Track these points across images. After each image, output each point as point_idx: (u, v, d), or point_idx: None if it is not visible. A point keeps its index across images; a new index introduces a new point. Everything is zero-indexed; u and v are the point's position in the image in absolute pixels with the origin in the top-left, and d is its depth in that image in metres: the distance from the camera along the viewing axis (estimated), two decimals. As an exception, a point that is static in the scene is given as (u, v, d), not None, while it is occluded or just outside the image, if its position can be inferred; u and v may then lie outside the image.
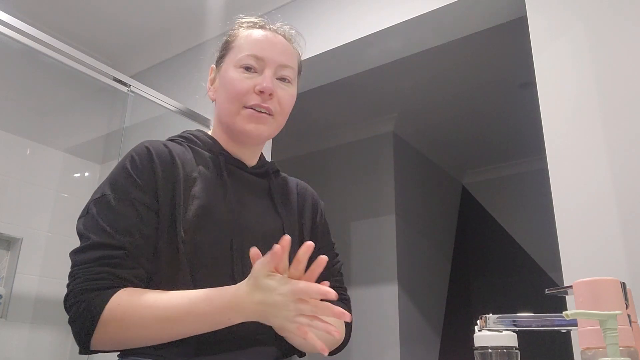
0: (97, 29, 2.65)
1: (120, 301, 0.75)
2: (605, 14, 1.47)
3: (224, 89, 0.94)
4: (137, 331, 0.76)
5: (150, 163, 0.86)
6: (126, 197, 0.82)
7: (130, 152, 0.88)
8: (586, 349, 0.60)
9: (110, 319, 0.75)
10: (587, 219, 1.35)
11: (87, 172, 2.72)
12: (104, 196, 0.83)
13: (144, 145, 0.89)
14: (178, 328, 0.76)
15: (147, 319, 0.75)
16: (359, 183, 3.39)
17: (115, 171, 0.87)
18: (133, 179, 0.84)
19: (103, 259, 0.78)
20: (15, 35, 1.68)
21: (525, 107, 3.01)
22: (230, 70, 0.94)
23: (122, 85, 2.07)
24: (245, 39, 0.96)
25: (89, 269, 0.77)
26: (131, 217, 0.81)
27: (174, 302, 0.76)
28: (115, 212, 0.81)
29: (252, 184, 0.97)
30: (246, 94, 0.92)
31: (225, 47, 0.99)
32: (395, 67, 2.40)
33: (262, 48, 0.94)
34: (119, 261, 0.78)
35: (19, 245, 2.33)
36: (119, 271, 0.78)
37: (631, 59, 1.39)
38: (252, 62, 0.93)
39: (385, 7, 1.98)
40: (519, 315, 0.76)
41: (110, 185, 0.84)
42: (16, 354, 2.27)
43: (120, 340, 0.77)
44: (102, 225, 0.80)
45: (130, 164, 0.85)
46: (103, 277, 0.77)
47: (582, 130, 1.42)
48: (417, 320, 3.20)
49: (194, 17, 2.55)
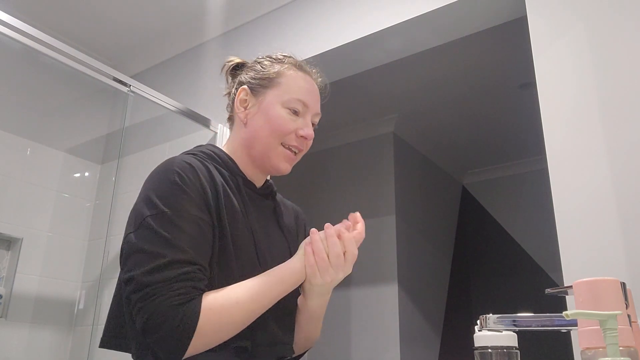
0: (97, 29, 2.65)
1: (211, 305, 0.82)
2: (605, 15, 1.47)
3: (268, 123, 1.01)
4: (229, 328, 0.83)
5: (198, 179, 0.90)
6: (186, 213, 0.85)
7: (172, 168, 0.90)
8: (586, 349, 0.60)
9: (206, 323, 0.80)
10: (587, 219, 1.35)
11: (87, 172, 2.72)
12: (163, 213, 0.84)
13: (184, 161, 0.92)
14: (263, 308, 0.87)
15: (236, 315, 0.83)
16: (359, 183, 3.39)
17: (162, 187, 0.88)
18: (187, 194, 0.87)
19: (184, 275, 0.81)
20: (15, 35, 1.68)
21: (525, 108, 3.01)
22: (278, 107, 1.01)
23: (122, 85, 2.07)
24: (294, 82, 1.04)
25: (171, 286, 0.80)
26: (195, 233, 0.85)
27: (254, 290, 0.86)
28: (180, 229, 0.84)
29: (261, 205, 1.05)
30: (289, 134, 1.01)
31: (268, 79, 1.04)
32: (395, 67, 2.40)
33: (309, 96, 1.04)
34: (196, 275, 0.83)
35: (19, 245, 2.33)
36: (198, 284, 0.83)
37: (631, 60, 1.39)
38: (299, 106, 1.02)
39: (385, 7, 1.98)
40: (519, 315, 0.76)
41: (163, 202, 0.86)
42: (16, 354, 2.27)
43: (211, 342, 0.83)
44: (171, 242, 0.82)
45: (179, 179, 0.88)
46: (187, 292, 0.81)
47: (582, 130, 1.42)
48: (417, 320, 3.20)
49: (194, 17, 2.55)
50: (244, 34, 2.46)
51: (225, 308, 0.83)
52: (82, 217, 2.61)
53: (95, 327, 2.22)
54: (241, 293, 0.85)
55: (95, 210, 2.63)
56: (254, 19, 2.44)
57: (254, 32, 2.42)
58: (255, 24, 2.43)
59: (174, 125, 2.44)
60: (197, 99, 2.46)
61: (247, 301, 0.84)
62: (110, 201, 2.39)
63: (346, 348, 3.10)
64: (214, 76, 2.45)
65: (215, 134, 2.27)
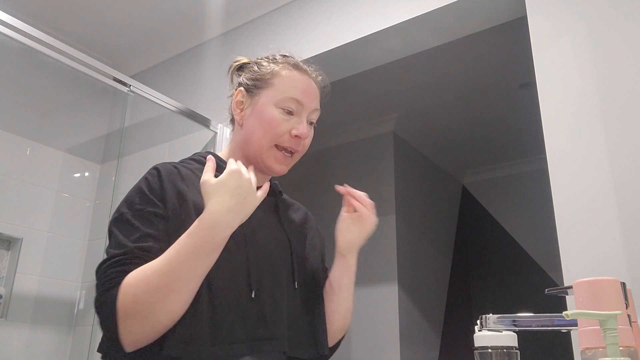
0: (97, 29, 2.65)
1: (128, 279, 0.80)
2: (605, 14, 1.47)
3: (260, 124, 1.00)
4: (149, 296, 0.79)
5: (160, 181, 0.93)
6: (141, 211, 0.89)
7: (144, 175, 0.96)
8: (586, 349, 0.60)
9: (124, 299, 0.79)
10: (587, 218, 1.35)
11: (87, 172, 2.72)
12: (121, 215, 0.90)
13: (154, 167, 0.96)
14: (180, 272, 0.80)
15: (150, 279, 0.80)
16: (359, 183, 3.36)
17: (130, 192, 0.94)
18: (146, 196, 0.91)
19: (114, 263, 0.83)
20: (15, 35, 1.68)
21: (525, 107, 3.01)
22: (271, 107, 1.00)
23: (122, 85, 2.07)
24: (288, 81, 1.02)
25: (103, 275, 0.83)
26: (142, 226, 0.87)
27: (167, 254, 0.82)
28: (128, 225, 0.88)
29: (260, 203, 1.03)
30: (282, 135, 0.99)
31: (262, 79, 1.03)
32: (395, 67, 2.40)
33: (303, 94, 1.02)
34: (125, 260, 0.83)
35: (19, 245, 2.33)
36: (127, 267, 0.82)
37: (632, 59, 1.39)
38: (293, 105, 1.00)
39: (385, 7, 1.98)
40: (519, 315, 0.76)
41: (126, 205, 0.91)
42: (16, 354, 2.27)
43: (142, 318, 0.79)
44: (118, 240, 0.87)
45: (144, 184, 0.93)
46: (115, 276, 0.82)
47: (582, 130, 1.42)
48: (417, 320, 3.20)
49: (194, 17, 2.55)
50: (243, 34, 2.46)
51: (140, 276, 0.80)
52: (82, 217, 2.61)
53: (95, 327, 2.22)
54: (160, 258, 0.82)
55: (95, 210, 2.63)
56: (253, 19, 2.44)
57: (253, 32, 2.42)
58: (255, 24, 2.43)
59: (173, 125, 2.44)
60: (197, 99, 2.46)
61: (165, 263, 0.81)
62: (110, 201, 2.39)
63: (346, 348, 3.10)
64: (214, 76, 2.45)
65: (215, 134, 2.26)
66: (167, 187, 0.92)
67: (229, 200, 0.83)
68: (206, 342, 0.82)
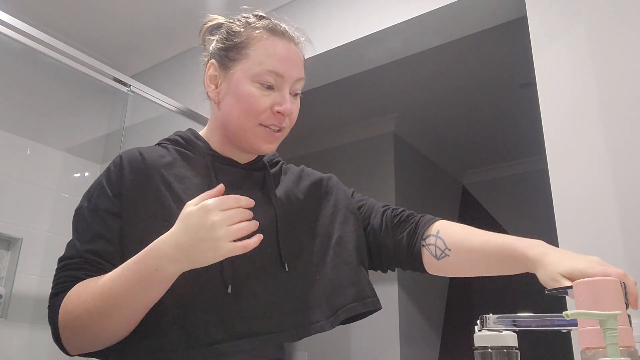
0: (97, 29, 2.65)
1: (71, 292, 0.78)
2: (605, 15, 1.47)
3: (238, 103, 0.88)
4: (86, 318, 0.75)
5: (121, 172, 0.87)
6: (96, 208, 0.84)
7: (109, 164, 0.91)
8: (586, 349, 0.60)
9: (64, 313, 0.77)
10: (587, 218, 1.35)
11: (87, 172, 2.72)
12: (80, 208, 0.87)
13: (119, 155, 0.90)
14: (117, 298, 0.73)
15: (88, 300, 0.75)
16: (359, 183, 3.39)
17: (93, 183, 0.89)
18: (104, 190, 0.86)
19: (65, 266, 0.81)
20: (15, 35, 1.68)
21: (525, 107, 3.01)
22: (247, 83, 0.88)
23: (122, 85, 2.07)
24: (264, 50, 0.89)
25: (55, 280, 0.82)
26: (96, 226, 0.83)
27: (109, 275, 0.76)
28: (83, 223, 0.84)
29: (243, 179, 0.94)
30: (264, 112, 0.88)
31: (235, 49, 0.91)
32: (395, 67, 2.40)
33: (283, 63, 0.88)
34: (75, 266, 0.81)
35: (19, 245, 2.33)
36: (77, 273, 0.80)
37: (631, 59, 1.39)
38: (271, 79, 0.88)
39: (386, 7, 1.98)
40: (519, 315, 0.76)
41: (87, 197, 0.87)
42: (16, 354, 2.27)
43: (79, 333, 0.77)
44: (73, 239, 0.84)
45: (105, 176, 0.88)
46: (63, 281, 0.80)
47: (582, 130, 1.42)
48: (417, 320, 3.20)
49: (194, 17, 2.54)
50: (244, 34, 2.46)
51: (82, 294, 0.75)
52: (82, 217, 2.60)
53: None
54: (104, 278, 0.75)
55: (95, 210, 2.63)
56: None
57: (254, 32, 2.42)
58: (255, 24, 2.43)
59: (173, 125, 2.43)
60: (197, 99, 2.45)
61: (105, 285, 0.74)
62: (110, 201, 2.38)
63: (346, 348, 3.10)
64: (214, 76, 2.44)
65: (215, 134, 2.26)
66: (127, 179, 0.85)
67: (181, 236, 0.71)
68: (181, 346, 0.77)
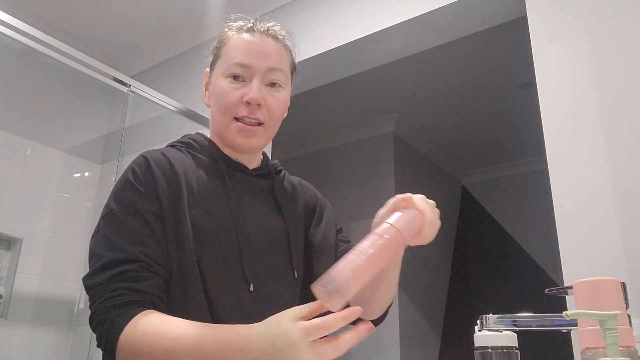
0: (97, 29, 2.65)
1: (137, 325, 0.73)
2: (605, 15, 1.47)
3: (215, 101, 0.93)
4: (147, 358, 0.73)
5: (150, 172, 0.85)
6: (133, 208, 0.82)
7: (130, 164, 0.88)
8: (586, 349, 0.60)
9: (125, 343, 0.73)
10: (587, 219, 1.35)
11: (87, 172, 2.72)
12: (111, 212, 0.82)
13: (142, 155, 0.89)
14: None
15: (155, 348, 0.72)
16: (359, 183, 3.39)
17: (118, 185, 0.86)
18: (137, 189, 0.83)
19: (119, 275, 0.76)
20: (15, 35, 1.68)
21: (525, 108, 3.01)
22: (220, 79, 0.92)
23: (122, 85, 2.07)
24: (232, 46, 0.93)
25: (108, 287, 0.76)
26: (140, 227, 0.80)
27: (184, 334, 0.72)
28: (123, 225, 0.81)
29: (254, 186, 0.95)
30: (235, 105, 0.89)
31: (215, 52, 0.96)
32: (395, 67, 2.40)
33: (248, 55, 0.91)
34: (134, 274, 0.77)
35: (19, 245, 2.33)
36: (136, 284, 0.76)
37: (631, 60, 1.39)
38: (238, 70, 0.90)
39: (386, 7, 1.98)
40: (519, 315, 0.76)
41: (116, 200, 0.84)
42: (16, 354, 2.27)
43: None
44: (113, 241, 0.79)
45: (132, 176, 0.85)
46: (122, 293, 0.76)
47: (582, 130, 1.42)
48: (417, 320, 3.20)
49: (194, 17, 2.55)
50: (244, 34, 2.46)
51: (147, 334, 0.72)
52: (82, 217, 2.60)
53: (95, 327, 2.22)
54: (174, 327, 0.72)
55: (95, 210, 2.63)
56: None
57: (254, 32, 2.42)
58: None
59: (173, 125, 2.44)
60: (197, 99, 2.45)
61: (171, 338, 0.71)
62: (110, 201, 2.39)
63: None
64: (214, 76, 2.44)
65: (215, 134, 2.26)
66: (159, 179, 0.84)
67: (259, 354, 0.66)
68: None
